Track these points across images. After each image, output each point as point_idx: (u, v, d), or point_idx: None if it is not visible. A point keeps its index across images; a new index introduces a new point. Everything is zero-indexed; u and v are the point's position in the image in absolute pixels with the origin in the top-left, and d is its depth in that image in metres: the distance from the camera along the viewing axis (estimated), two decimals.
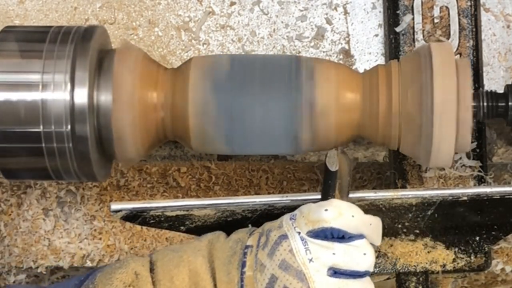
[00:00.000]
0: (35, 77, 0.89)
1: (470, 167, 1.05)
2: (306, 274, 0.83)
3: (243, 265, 0.86)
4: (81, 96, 0.89)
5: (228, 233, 0.92)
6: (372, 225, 0.86)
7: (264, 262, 0.84)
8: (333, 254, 0.83)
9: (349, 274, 0.84)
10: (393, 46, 1.06)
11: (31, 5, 1.12)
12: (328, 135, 0.92)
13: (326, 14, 1.11)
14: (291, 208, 0.91)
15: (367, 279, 0.85)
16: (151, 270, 0.88)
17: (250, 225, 0.92)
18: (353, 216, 0.85)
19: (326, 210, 0.85)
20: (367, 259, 0.85)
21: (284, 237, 0.85)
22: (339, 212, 0.85)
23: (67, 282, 0.91)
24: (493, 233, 0.98)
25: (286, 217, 0.87)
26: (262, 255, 0.85)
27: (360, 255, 0.84)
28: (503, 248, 1.10)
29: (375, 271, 0.99)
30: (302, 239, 0.84)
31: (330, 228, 0.84)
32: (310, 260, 0.83)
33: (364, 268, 0.84)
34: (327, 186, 0.87)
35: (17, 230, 1.11)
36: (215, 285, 0.86)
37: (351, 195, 0.90)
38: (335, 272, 0.83)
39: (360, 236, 0.85)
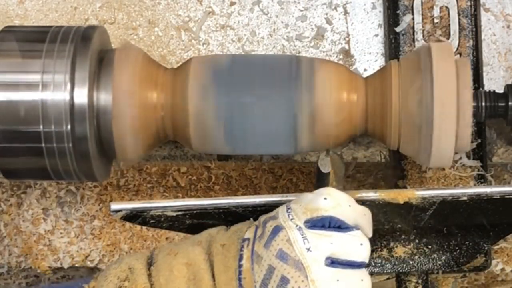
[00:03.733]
0: (35, 77, 0.89)
1: (470, 167, 1.05)
2: (304, 264, 0.82)
3: (241, 257, 0.86)
4: (81, 96, 0.89)
5: None
6: (366, 215, 0.86)
7: (261, 254, 0.84)
8: (331, 243, 0.83)
9: (346, 264, 0.83)
10: (393, 46, 1.07)
11: (31, 5, 1.12)
12: (328, 135, 0.92)
13: (326, 14, 1.11)
14: None
15: (364, 270, 0.85)
16: (151, 264, 0.88)
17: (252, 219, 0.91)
18: (350, 206, 0.85)
19: (325, 198, 0.84)
20: (363, 250, 0.84)
21: (280, 227, 0.84)
22: (338, 202, 0.84)
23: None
24: (493, 233, 0.98)
25: (281, 208, 0.86)
26: (259, 247, 0.85)
27: (357, 245, 0.84)
28: (503, 248, 1.10)
29: (375, 271, 0.99)
30: (299, 228, 0.84)
31: (329, 216, 0.84)
32: (308, 249, 0.83)
33: (361, 258, 0.84)
34: (319, 186, 0.87)
35: (17, 230, 1.11)
36: (213, 275, 0.86)
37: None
38: (333, 262, 0.83)
39: (356, 227, 0.85)
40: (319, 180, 0.88)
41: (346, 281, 0.83)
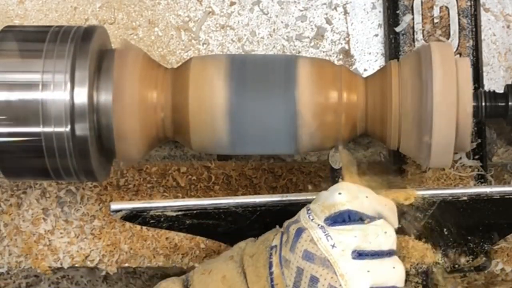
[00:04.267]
0: (35, 77, 0.89)
1: (470, 167, 1.05)
2: (330, 260, 0.83)
3: (270, 265, 0.86)
4: (81, 96, 0.89)
5: (230, 233, 0.92)
6: (387, 206, 0.86)
7: (288, 258, 0.85)
8: (355, 236, 0.83)
9: (373, 254, 0.83)
10: (393, 46, 1.07)
11: (31, 5, 1.12)
12: (328, 135, 0.92)
13: (326, 14, 1.11)
14: (291, 207, 0.91)
15: (394, 258, 0.85)
16: (187, 286, 0.89)
17: (277, 226, 0.91)
18: (367, 197, 0.85)
19: (339, 193, 0.85)
20: (389, 238, 0.84)
21: (303, 229, 0.85)
22: (353, 195, 0.85)
23: None
24: (493, 233, 0.98)
25: (302, 211, 0.87)
26: (286, 252, 0.85)
27: (381, 234, 0.84)
28: (503, 248, 1.10)
29: None
30: (321, 227, 0.84)
31: (347, 210, 0.84)
32: (333, 246, 0.83)
33: (388, 246, 0.84)
34: (335, 183, 0.88)
35: (17, 230, 1.11)
36: (248, 287, 0.87)
37: None
38: (360, 254, 0.83)
39: (378, 217, 0.84)
40: (333, 177, 0.88)
41: (377, 271, 0.83)
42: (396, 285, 0.85)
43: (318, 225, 0.84)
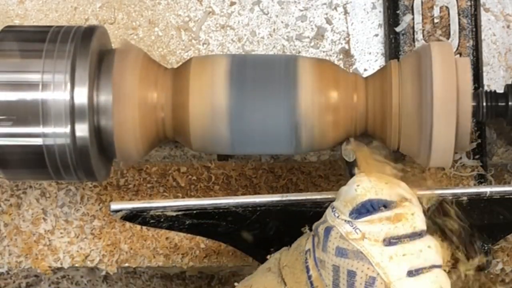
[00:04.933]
0: (35, 77, 0.89)
1: (470, 167, 1.05)
2: (363, 252, 0.82)
3: (307, 269, 0.86)
4: (81, 96, 0.89)
5: (230, 233, 0.92)
6: (407, 189, 0.86)
7: (323, 258, 0.85)
8: (382, 224, 0.83)
9: (405, 237, 0.83)
10: (393, 46, 1.07)
11: (31, 5, 1.12)
12: (328, 135, 0.92)
13: (326, 14, 1.11)
14: (291, 207, 0.91)
15: (428, 237, 0.85)
16: None
17: (307, 229, 0.91)
18: (386, 183, 0.85)
19: (358, 185, 0.85)
20: (417, 218, 0.84)
21: (331, 227, 0.85)
22: (371, 184, 0.85)
23: None
24: (493, 233, 0.98)
25: (328, 210, 0.87)
26: (319, 253, 0.85)
27: (409, 216, 0.84)
28: (503, 248, 1.10)
29: None
30: (347, 222, 0.84)
31: (368, 200, 0.84)
32: (363, 237, 0.83)
33: (418, 228, 0.84)
34: (352, 176, 0.88)
35: (17, 230, 1.11)
36: None
37: None
38: (392, 240, 0.83)
39: (402, 200, 0.85)
40: (349, 170, 0.88)
41: (412, 253, 0.83)
42: (435, 263, 0.85)
43: (345, 220, 0.84)
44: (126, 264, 1.11)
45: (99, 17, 1.11)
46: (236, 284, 0.91)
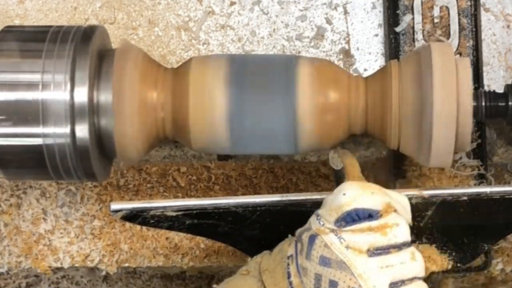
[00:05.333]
0: (35, 77, 0.89)
1: (470, 167, 1.05)
2: (346, 262, 0.82)
3: (289, 275, 0.86)
4: (81, 96, 0.89)
5: (230, 233, 0.92)
6: (398, 199, 0.86)
7: (305, 266, 0.84)
8: (367, 234, 0.83)
9: (389, 248, 0.83)
10: (393, 46, 1.07)
11: (31, 5, 1.12)
12: (328, 135, 0.92)
13: (326, 14, 1.11)
14: (291, 207, 0.91)
15: (411, 248, 0.84)
16: None
17: (289, 235, 0.91)
18: (373, 193, 0.85)
19: (344, 194, 0.84)
20: (402, 229, 0.84)
21: (315, 235, 0.84)
22: (358, 193, 0.84)
23: None
24: (493, 233, 0.98)
25: (312, 217, 0.87)
26: (302, 260, 0.85)
27: (394, 227, 0.83)
28: (503, 248, 1.10)
29: None
30: (332, 230, 0.84)
31: (353, 210, 0.83)
32: (347, 247, 0.83)
33: (402, 239, 0.84)
34: (339, 184, 0.88)
35: (17, 230, 1.11)
36: None
37: None
38: (375, 251, 0.83)
39: (388, 210, 0.84)
40: (336, 178, 0.88)
41: (395, 264, 0.83)
42: (417, 276, 0.85)
43: (330, 229, 0.84)
44: (126, 264, 1.11)
45: (99, 17, 1.11)
46: (215, 286, 0.91)
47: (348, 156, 0.92)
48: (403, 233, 0.84)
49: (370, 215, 0.83)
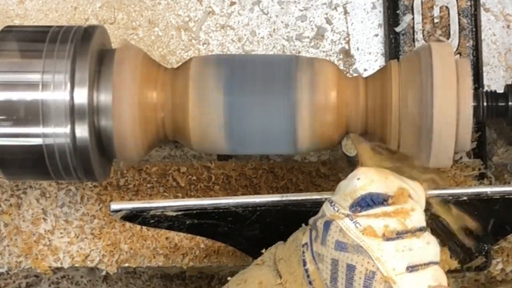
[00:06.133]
0: (35, 77, 0.89)
1: (470, 166, 1.05)
2: (363, 246, 0.82)
3: (304, 262, 0.86)
4: (81, 96, 0.89)
5: (230, 233, 0.92)
6: (411, 184, 0.86)
7: (321, 252, 0.85)
8: (382, 219, 0.83)
9: (405, 233, 0.83)
10: (393, 46, 1.07)
11: (31, 5, 1.12)
12: (328, 135, 0.92)
13: (326, 14, 1.11)
14: (292, 207, 0.91)
15: (427, 233, 0.85)
16: None
17: (303, 224, 0.91)
18: (386, 178, 0.85)
19: (358, 179, 0.85)
20: (417, 215, 0.84)
21: (330, 221, 0.85)
22: (371, 178, 0.85)
23: None
24: (493, 233, 0.98)
25: (325, 205, 0.87)
26: (317, 246, 0.85)
27: (409, 212, 0.84)
28: (503, 248, 1.10)
29: None
30: (347, 215, 0.84)
31: (368, 194, 0.84)
32: (363, 232, 0.83)
33: (418, 223, 0.84)
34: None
35: (17, 230, 1.11)
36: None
37: None
38: (391, 236, 0.83)
39: (403, 195, 0.84)
40: (350, 165, 0.88)
41: (411, 248, 0.83)
42: (433, 260, 0.85)
43: (344, 214, 0.84)
44: (126, 264, 1.11)
45: (99, 17, 1.11)
46: (229, 278, 0.91)
47: (361, 142, 0.92)
48: (418, 219, 0.84)
49: (384, 199, 0.84)
